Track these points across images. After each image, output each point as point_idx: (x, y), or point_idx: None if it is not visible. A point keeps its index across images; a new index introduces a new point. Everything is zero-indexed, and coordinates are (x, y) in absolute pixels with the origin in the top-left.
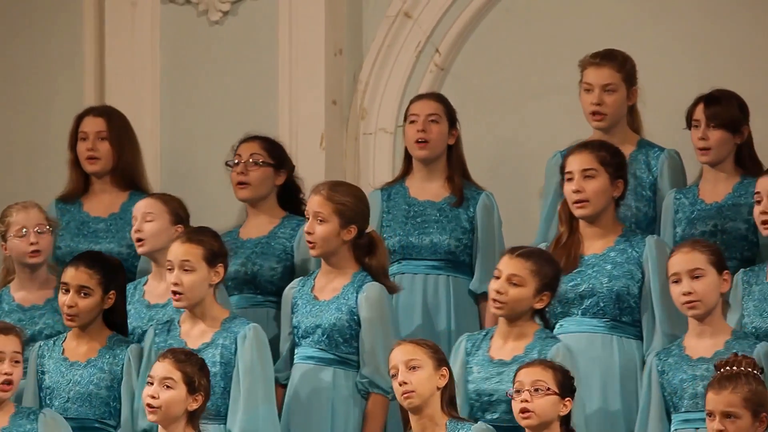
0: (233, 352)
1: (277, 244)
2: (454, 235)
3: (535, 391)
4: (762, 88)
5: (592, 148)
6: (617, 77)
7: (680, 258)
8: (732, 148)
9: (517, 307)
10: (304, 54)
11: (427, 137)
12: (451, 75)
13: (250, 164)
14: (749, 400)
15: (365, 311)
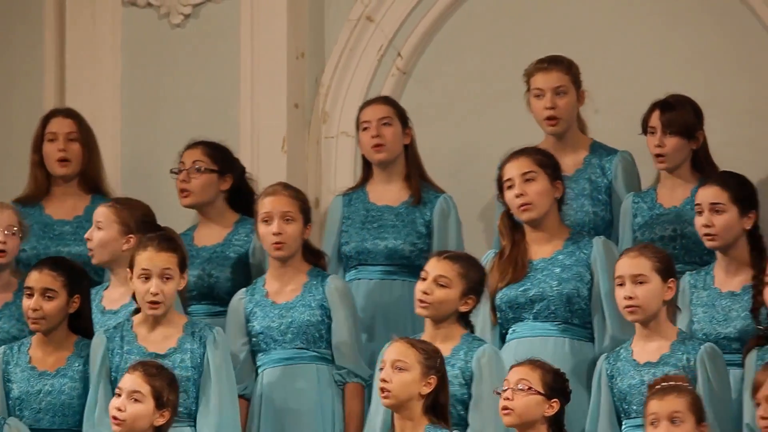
0: (202, 355)
1: (232, 252)
2: (409, 240)
3: (519, 389)
4: (717, 92)
5: (527, 153)
6: (566, 79)
7: (626, 262)
8: (688, 153)
9: (442, 308)
10: (266, 57)
11: (382, 141)
12: (413, 79)
13: (192, 171)
14: (694, 405)
15: (337, 303)
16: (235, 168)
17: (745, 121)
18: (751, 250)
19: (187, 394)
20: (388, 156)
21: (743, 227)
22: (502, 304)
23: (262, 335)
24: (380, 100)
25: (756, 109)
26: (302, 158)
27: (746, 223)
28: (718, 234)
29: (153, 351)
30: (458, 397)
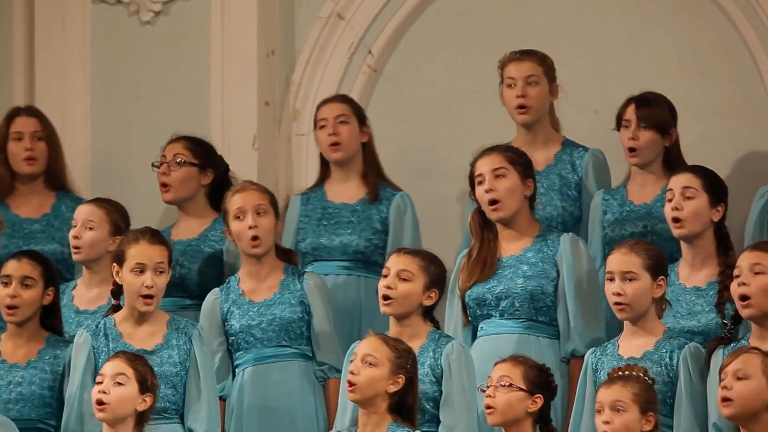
0: (188, 351)
1: (207, 247)
2: (364, 236)
3: (501, 386)
4: (688, 91)
5: (499, 150)
6: (539, 70)
7: (617, 258)
8: (660, 150)
9: (407, 302)
10: (236, 55)
11: (339, 139)
12: (384, 76)
13: (172, 164)
14: (638, 396)
15: (317, 299)
16: (217, 164)
17: (716, 120)
18: (717, 245)
19: (175, 390)
20: (345, 155)
21: (711, 218)
22: (470, 301)
23: (242, 334)
24: (337, 98)
25: (727, 109)
26: (273, 156)
27: (715, 215)
28: (687, 219)
29: (140, 348)
30: (429, 395)
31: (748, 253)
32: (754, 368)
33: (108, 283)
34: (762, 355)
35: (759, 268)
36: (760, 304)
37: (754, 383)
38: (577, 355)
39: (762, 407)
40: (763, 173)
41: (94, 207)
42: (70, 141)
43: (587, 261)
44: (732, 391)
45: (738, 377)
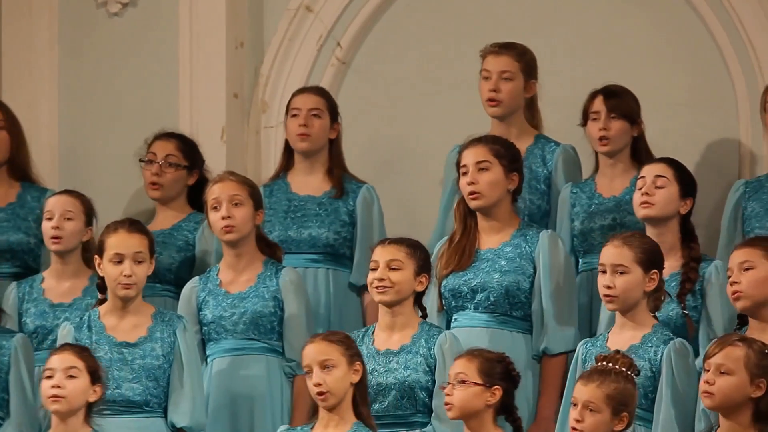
0: (172, 344)
1: (179, 236)
2: (333, 228)
3: (459, 383)
4: (654, 83)
5: (486, 141)
6: (515, 66)
7: (609, 250)
8: (629, 140)
9: (402, 290)
10: (204, 47)
11: (308, 131)
12: (353, 69)
13: (165, 165)
14: (612, 398)
15: (291, 296)
16: (201, 164)
17: (681, 113)
18: (682, 238)
19: (157, 383)
20: (311, 147)
21: (679, 210)
22: (446, 292)
23: (214, 324)
24: (314, 90)
25: (692, 101)
26: (241, 148)
27: (683, 208)
28: (656, 204)
29: (123, 340)
30: (422, 385)
31: (736, 252)
32: (737, 362)
33: (80, 274)
34: (746, 347)
35: (747, 264)
36: (750, 296)
37: (736, 379)
38: (549, 353)
39: (743, 400)
40: (728, 166)
41: (70, 198)
42: (37, 133)
43: (564, 259)
44: (714, 386)
45: (721, 372)
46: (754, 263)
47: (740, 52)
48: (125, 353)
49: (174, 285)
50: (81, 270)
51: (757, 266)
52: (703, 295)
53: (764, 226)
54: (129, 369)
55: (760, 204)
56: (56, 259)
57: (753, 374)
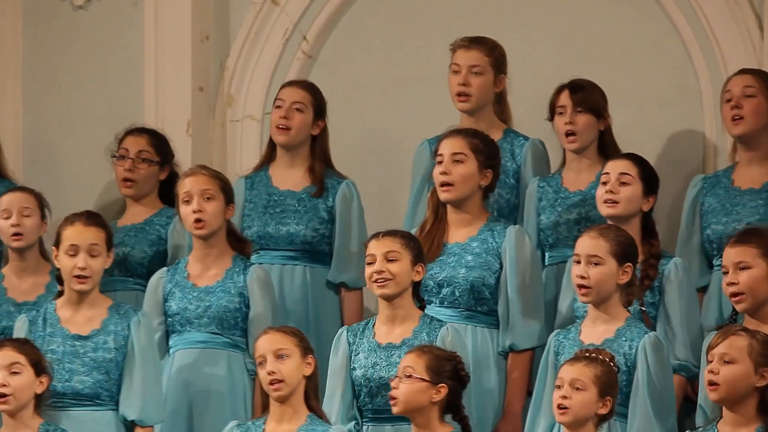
0: (126, 337)
1: (152, 230)
2: (311, 225)
3: (405, 377)
4: (620, 80)
5: (465, 134)
6: (485, 60)
7: (585, 241)
8: (596, 134)
9: (401, 281)
10: (170, 40)
11: (288, 124)
12: (319, 63)
13: (137, 161)
14: (599, 378)
15: (257, 293)
16: (171, 158)
17: (647, 108)
18: (643, 234)
19: (108, 376)
20: (290, 140)
21: (642, 207)
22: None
23: (178, 316)
24: (301, 84)
25: (658, 96)
26: (207, 142)
27: (645, 205)
28: (620, 203)
29: (76, 333)
30: None
31: (731, 251)
32: (740, 351)
33: (39, 270)
34: (749, 337)
35: (744, 263)
36: (750, 297)
37: (740, 367)
38: (515, 349)
39: (748, 390)
40: (692, 161)
41: (25, 194)
42: (1, 126)
43: (531, 255)
44: (719, 375)
45: (725, 361)
46: (751, 263)
47: (704, 47)
48: (77, 346)
49: (146, 279)
50: (40, 265)
51: (754, 265)
52: (662, 292)
53: (720, 222)
54: (80, 362)
55: (717, 199)
56: (15, 256)
57: (757, 363)
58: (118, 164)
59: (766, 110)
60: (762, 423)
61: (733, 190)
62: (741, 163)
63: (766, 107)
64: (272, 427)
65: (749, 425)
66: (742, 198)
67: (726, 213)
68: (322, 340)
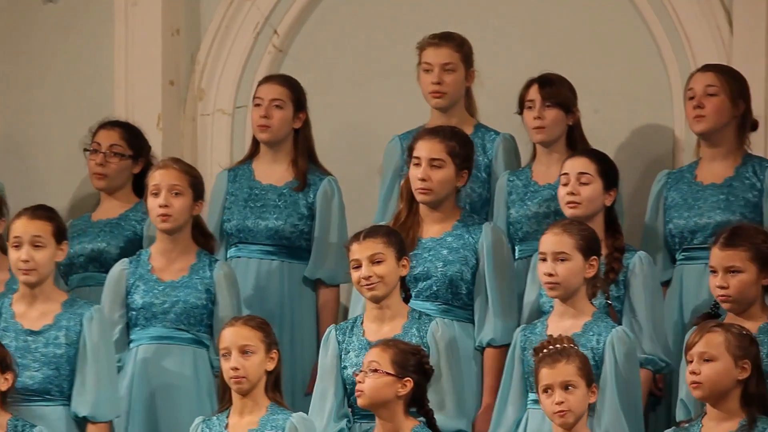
0: (78, 333)
1: (127, 225)
2: (290, 221)
3: (371, 371)
4: (590, 73)
5: (443, 137)
6: (456, 57)
7: (549, 238)
8: (565, 128)
9: (390, 281)
10: (140, 34)
11: (268, 122)
12: (290, 57)
13: (109, 155)
14: (583, 370)
15: (224, 289)
16: (147, 152)
17: (616, 102)
18: (606, 227)
19: (58, 372)
20: (271, 138)
21: (604, 202)
22: None
23: (143, 311)
24: (277, 79)
25: (626, 90)
26: (178, 136)
27: (607, 200)
28: (582, 203)
29: (28, 328)
30: None
31: (720, 252)
32: (718, 348)
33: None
34: (724, 332)
35: (734, 268)
36: (738, 300)
37: (721, 364)
38: (493, 344)
39: (731, 385)
40: (661, 155)
41: None
42: None
43: (507, 252)
44: (701, 375)
45: (705, 359)
46: (741, 267)
47: (674, 42)
48: (29, 341)
49: None
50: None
51: (744, 270)
52: (627, 286)
53: (682, 216)
54: (32, 357)
55: (679, 194)
56: None
57: (736, 356)
58: (91, 158)
59: (728, 108)
60: (746, 415)
61: (696, 185)
62: (704, 159)
63: (728, 105)
64: (235, 420)
65: (733, 419)
66: (704, 193)
67: (688, 208)
68: (297, 335)
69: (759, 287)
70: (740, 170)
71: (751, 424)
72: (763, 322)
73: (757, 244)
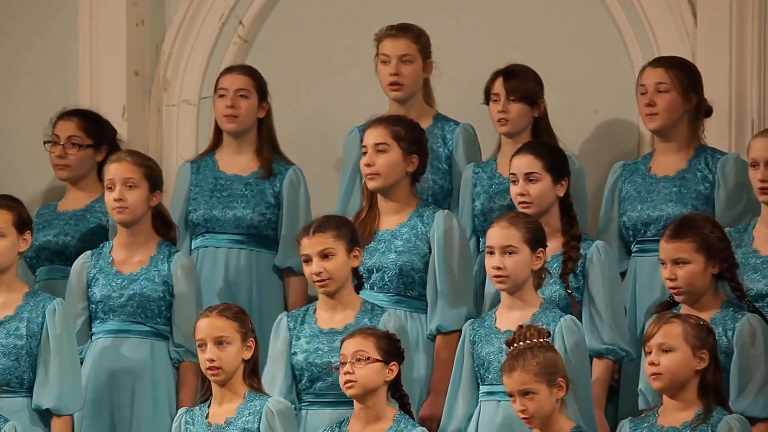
0: (40, 325)
1: (92, 217)
2: (258, 210)
3: (357, 361)
4: (555, 64)
5: (387, 123)
6: (413, 48)
7: (496, 232)
8: (530, 120)
9: (340, 277)
10: (105, 24)
11: (235, 112)
12: (255, 47)
13: (68, 146)
14: (540, 374)
15: (182, 281)
16: (110, 139)
17: (581, 93)
18: (561, 216)
19: (18, 363)
20: (239, 127)
21: (557, 194)
22: None
23: (101, 303)
24: (241, 69)
25: (592, 81)
26: (143, 126)
27: (559, 190)
28: (533, 202)
29: None
30: None
31: (667, 245)
32: (677, 338)
33: None
34: (682, 322)
35: (681, 259)
36: (688, 291)
37: (680, 354)
38: (442, 331)
39: (690, 375)
40: (626, 146)
41: None
42: None
43: (459, 239)
44: (660, 366)
45: (663, 350)
46: (688, 258)
47: (639, 33)
48: None
49: None
50: None
51: (692, 261)
52: (585, 276)
53: (635, 209)
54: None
55: (633, 186)
56: None
57: (694, 347)
58: (51, 150)
59: (679, 104)
60: (702, 405)
61: (649, 177)
62: (658, 152)
63: (679, 101)
64: (215, 410)
65: (689, 408)
66: (657, 185)
67: (641, 200)
68: (265, 324)
69: (708, 277)
70: (693, 162)
71: (707, 413)
72: (716, 311)
73: (704, 234)
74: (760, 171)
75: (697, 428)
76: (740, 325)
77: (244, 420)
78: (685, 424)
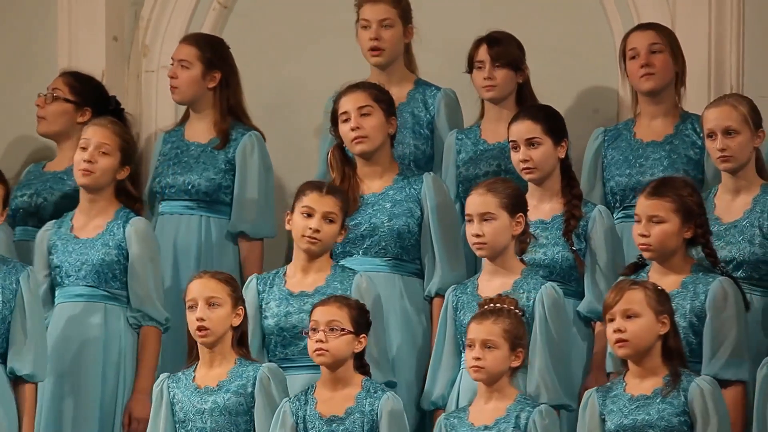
0: (14, 292)
1: (69, 180)
2: (206, 175)
3: (331, 330)
4: (536, 32)
5: (364, 87)
6: (393, 12)
7: (474, 199)
8: (515, 86)
9: (328, 244)
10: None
11: (175, 83)
12: (234, 13)
13: (48, 98)
14: (509, 332)
15: (135, 245)
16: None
17: (558, 58)
18: (562, 177)
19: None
20: (181, 98)
21: (558, 156)
22: None
23: (59, 269)
24: (190, 39)
25: (569, 47)
26: (122, 92)
27: (560, 152)
28: (537, 167)
29: None
30: None
31: (645, 202)
32: (640, 304)
33: None
34: (643, 288)
35: (657, 218)
36: (658, 249)
37: (644, 320)
38: (441, 293)
39: (654, 340)
40: (606, 112)
41: None
42: None
43: (449, 201)
44: (626, 332)
45: (627, 316)
46: (664, 217)
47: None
48: None
49: None
50: None
51: (667, 220)
52: (588, 239)
53: (623, 174)
54: None
55: (619, 152)
56: None
57: (657, 311)
58: (36, 102)
59: (671, 65)
60: (668, 370)
61: (636, 142)
62: (643, 117)
63: (671, 62)
64: (203, 373)
65: (657, 375)
66: (645, 150)
67: (629, 165)
68: None
69: (681, 239)
70: (680, 127)
71: (675, 378)
72: (686, 275)
73: (682, 196)
74: (718, 140)
75: (669, 395)
76: (713, 288)
77: (238, 384)
78: (656, 392)
